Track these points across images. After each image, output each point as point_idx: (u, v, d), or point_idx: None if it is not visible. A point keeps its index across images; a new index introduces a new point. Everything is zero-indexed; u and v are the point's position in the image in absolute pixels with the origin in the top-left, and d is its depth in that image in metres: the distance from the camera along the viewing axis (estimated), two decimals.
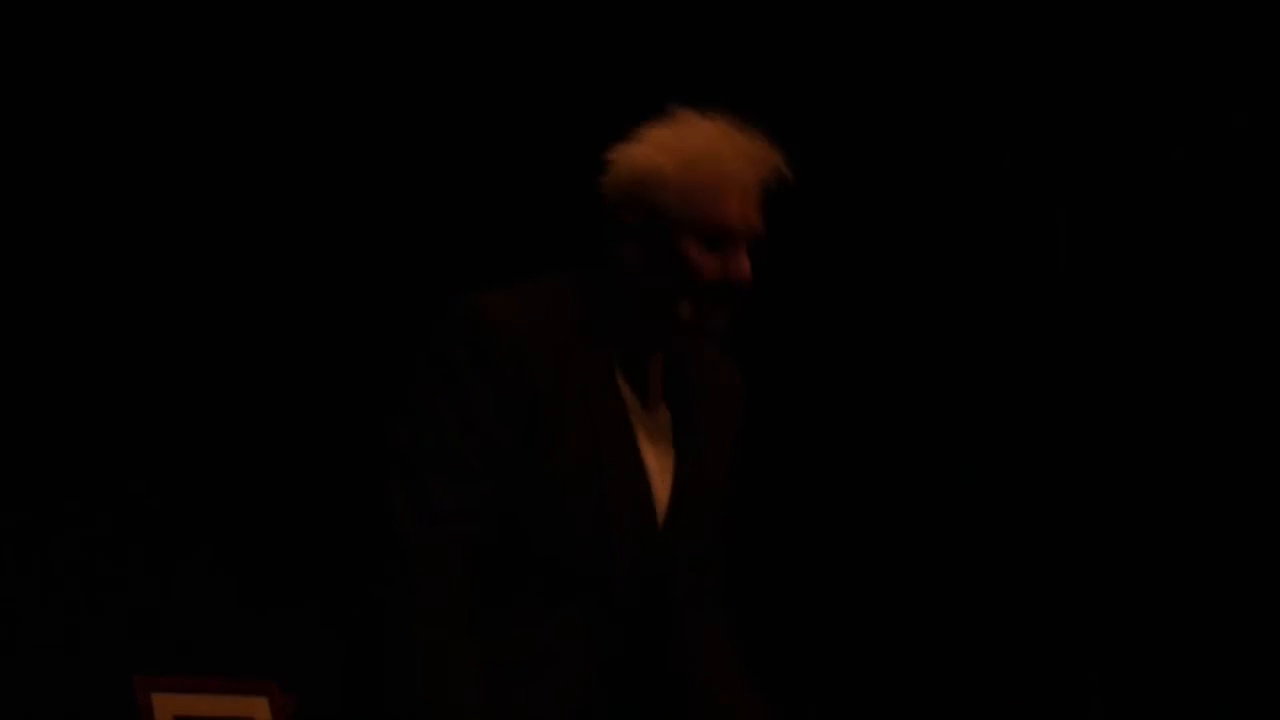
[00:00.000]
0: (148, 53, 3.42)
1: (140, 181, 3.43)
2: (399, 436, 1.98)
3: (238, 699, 3.35)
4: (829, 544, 3.94)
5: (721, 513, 2.16)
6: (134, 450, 3.38)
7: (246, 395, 3.50)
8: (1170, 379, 3.77)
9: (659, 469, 2.07)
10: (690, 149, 2.02)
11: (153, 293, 3.45)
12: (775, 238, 2.04)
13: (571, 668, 2.00)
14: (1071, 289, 3.87)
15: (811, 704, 3.83)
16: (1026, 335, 3.92)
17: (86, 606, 3.29)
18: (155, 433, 3.41)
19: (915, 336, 4.02)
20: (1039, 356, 3.93)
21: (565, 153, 2.12)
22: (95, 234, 3.38)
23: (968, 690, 3.88)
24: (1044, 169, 3.88)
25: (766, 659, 3.80)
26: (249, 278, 3.53)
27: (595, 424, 2.01)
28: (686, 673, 2.14)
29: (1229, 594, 3.68)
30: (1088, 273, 3.86)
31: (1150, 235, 3.81)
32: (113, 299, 3.40)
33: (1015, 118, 3.89)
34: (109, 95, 3.39)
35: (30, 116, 3.31)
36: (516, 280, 2.07)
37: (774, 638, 3.86)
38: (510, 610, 1.99)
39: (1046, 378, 3.91)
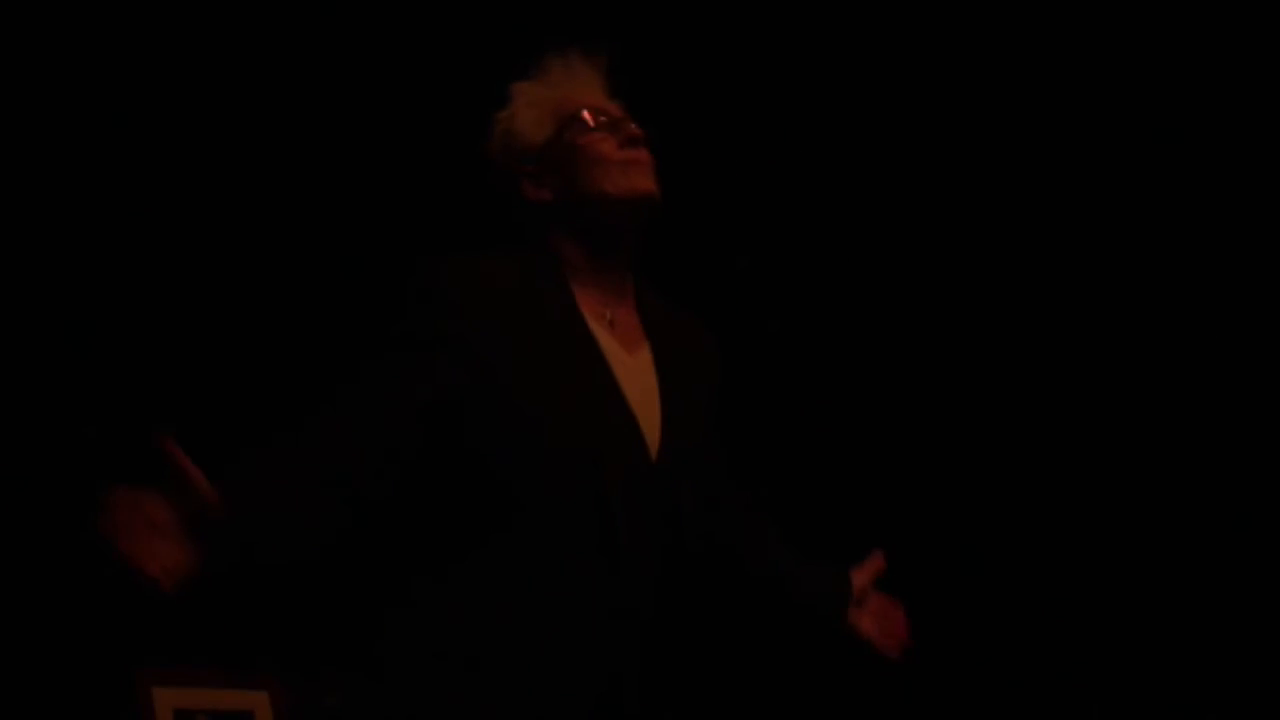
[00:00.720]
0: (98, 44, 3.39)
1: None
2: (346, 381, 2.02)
3: (239, 693, 3.34)
4: (827, 544, 3.93)
5: (721, 462, 2.25)
6: (133, 446, 3.37)
7: (250, 390, 3.51)
8: (1166, 377, 3.79)
9: (645, 405, 2.10)
10: (523, 88, 2.22)
11: (158, 291, 3.47)
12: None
13: (589, 626, 2.00)
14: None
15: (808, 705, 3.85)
16: (1032, 336, 3.94)
17: (86, 599, 3.29)
18: (155, 428, 3.40)
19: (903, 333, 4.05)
20: (1046, 354, 3.95)
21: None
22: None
23: (968, 690, 3.89)
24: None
25: (763, 663, 3.85)
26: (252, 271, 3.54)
27: (568, 367, 2.05)
28: (743, 568, 2.28)
29: (1229, 594, 3.69)
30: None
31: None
32: (113, 298, 3.40)
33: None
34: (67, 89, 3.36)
35: None
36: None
37: (772, 640, 3.87)
38: (520, 569, 1.99)
39: (1050, 375, 3.93)
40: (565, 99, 2.18)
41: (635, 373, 2.11)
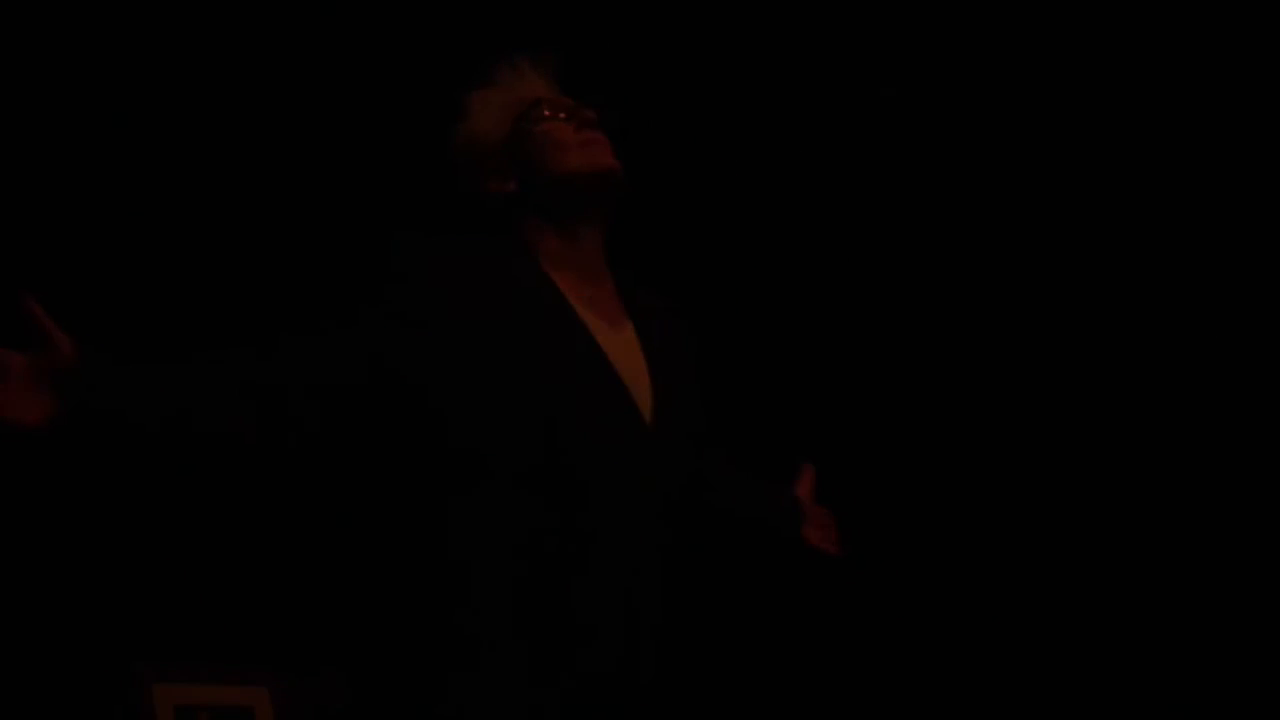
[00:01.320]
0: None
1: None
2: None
3: (239, 689, 3.35)
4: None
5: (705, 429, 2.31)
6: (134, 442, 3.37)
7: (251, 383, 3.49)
8: (1159, 376, 3.79)
9: (634, 377, 2.14)
10: (477, 95, 2.31)
11: (162, 288, 3.48)
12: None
13: (599, 589, 2.01)
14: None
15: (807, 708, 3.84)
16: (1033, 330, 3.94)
17: (87, 597, 3.30)
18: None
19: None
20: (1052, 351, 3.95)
21: None
22: None
23: (967, 690, 3.88)
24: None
25: (763, 674, 3.84)
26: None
27: (555, 343, 2.09)
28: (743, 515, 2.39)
29: (1227, 594, 3.68)
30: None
31: None
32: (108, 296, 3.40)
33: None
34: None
35: None
36: None
37: (770, 645, 3.87)
38: (519, 548, 2.01)
39: (1061, 374, 3.92)
40: (519, 98, 2.29)
41: (621, 347, 2.15)
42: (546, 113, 2.25)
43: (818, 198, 4.03)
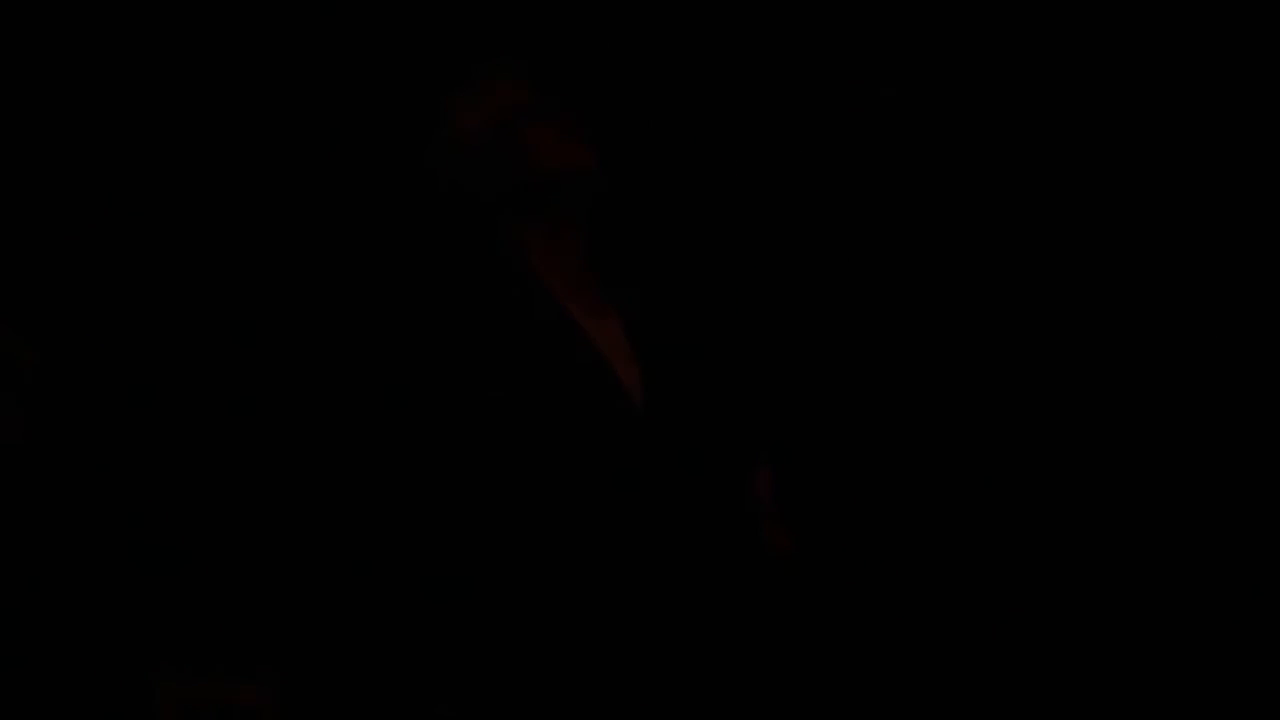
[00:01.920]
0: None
1: None
2: None
3: (240, 688, 3.37)
4: (820, 543, 3.93)
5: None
6: (134, 439, 3.41)
7: (249, 383, 3.52)
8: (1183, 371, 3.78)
9: (628, 367, 2.18)
10: (456, 98, 2.35)
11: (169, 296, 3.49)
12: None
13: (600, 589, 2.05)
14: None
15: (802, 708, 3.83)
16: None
17: (90, 595, 3.32)
18: (157, 418, 3.43)
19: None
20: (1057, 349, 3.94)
21: None
22: None
23: (965, 690, 3.87)
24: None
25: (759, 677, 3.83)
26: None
27: (544, 337, 2.14)
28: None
29: (1226, 594, 3.67)
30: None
31: None
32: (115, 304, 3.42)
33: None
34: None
35: None
36: None
37: (768, 647, 3.87)
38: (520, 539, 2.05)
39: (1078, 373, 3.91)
40: (500, 99, 2.31)
41: (613, 340, 2.19)
42: (529, 114, 2.27)
43: (816, 198, 4.02)
